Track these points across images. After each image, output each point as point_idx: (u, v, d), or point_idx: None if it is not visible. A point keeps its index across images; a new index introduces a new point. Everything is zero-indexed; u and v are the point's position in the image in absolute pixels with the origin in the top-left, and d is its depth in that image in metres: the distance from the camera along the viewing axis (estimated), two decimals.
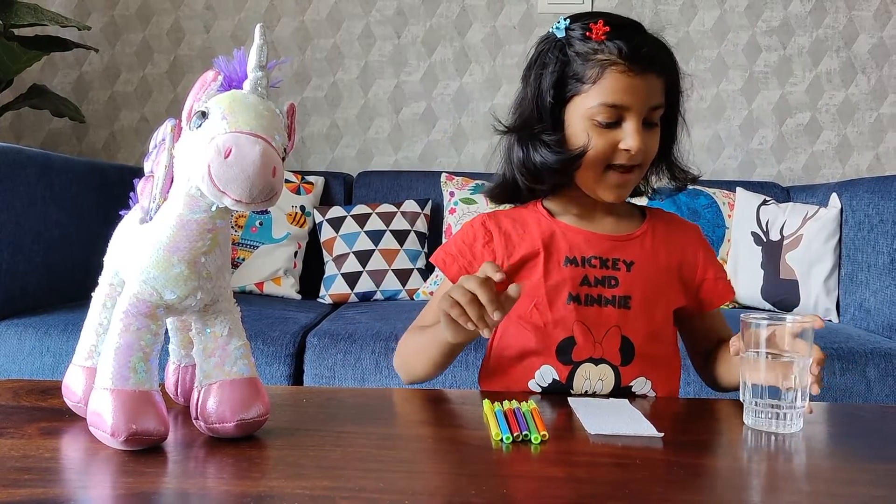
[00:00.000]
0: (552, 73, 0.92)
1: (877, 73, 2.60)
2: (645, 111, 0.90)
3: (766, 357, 0.78)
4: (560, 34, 0.92)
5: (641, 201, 1.06)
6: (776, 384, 0.77)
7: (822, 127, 2.62)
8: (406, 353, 1.02)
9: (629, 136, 0.89)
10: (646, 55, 0.88)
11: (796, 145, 2.63)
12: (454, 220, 2.26)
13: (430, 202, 2.38)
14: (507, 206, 1.05)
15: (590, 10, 2.57)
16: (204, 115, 0.63)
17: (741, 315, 0.81)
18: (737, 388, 0.84)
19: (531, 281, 0.96)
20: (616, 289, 0.94)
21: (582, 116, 0.91)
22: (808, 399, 0.78)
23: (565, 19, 0.93)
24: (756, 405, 0.78)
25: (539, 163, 0.93)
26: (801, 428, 0.78)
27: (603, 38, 0.89)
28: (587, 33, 0.90)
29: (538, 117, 0.94)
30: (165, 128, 0.69)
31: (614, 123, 0.90)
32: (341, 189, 2.48)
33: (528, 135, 0.94)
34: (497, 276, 0.80)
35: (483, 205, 2.25)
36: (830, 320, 2.02)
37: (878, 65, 2.60)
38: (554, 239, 0.97)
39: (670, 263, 0.99)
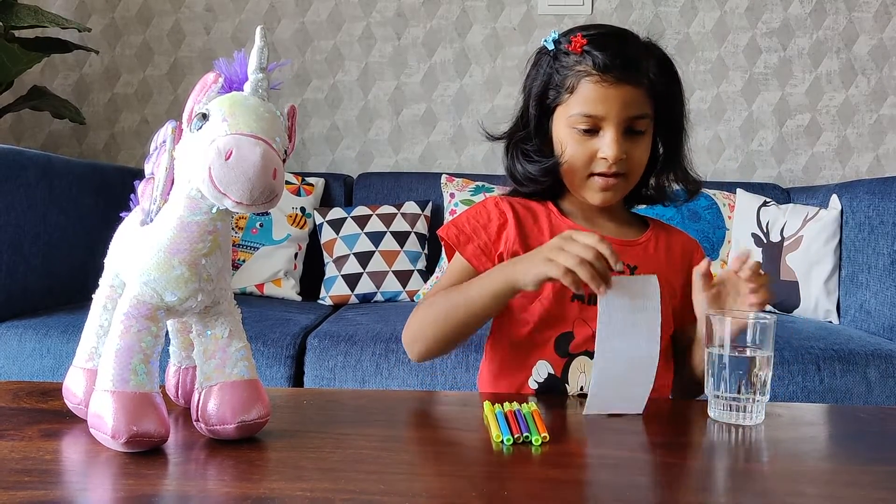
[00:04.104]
0: (539, 83, 0.97)
1: (877, 75, 2.60)
2: (623, 121, 0.92)
3: (729, 352, 0.80)
4: (550, 47, 0.97)
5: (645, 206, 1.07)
6: (737, 379, 0.79)
7: (822, 128, 2.62)
8: (435, 314, 0.92)
9: (606, 146, 0.92)
10: (620, 66, 0.91)
11: (796, 147, 2.63)
12: None
13: (430, 204, 2.38)
14: None
15: (589, 12, 2.58)
16: (205, 116, 0.64)
17: (706, 312, 0.84)
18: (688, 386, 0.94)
19: None
20: None
21: (564, 125, 0.95)
22: (768, 393, 0.81)
23: (556, 32, 0.97)
24: (718, 398, 0.81)
25: (520, 171, 0.99)
26: (762, 420, 0.80)
27: (580, 50, 0.92)
28: (567, 46, 0.94)
29: (524, 126, 1.00)
30: (166, 130, 0.69)
31: (594, 132, 0.93)
32: (341, 190, 2.48)
33: (514, 143, 1.00)
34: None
35: None
36: (831, 322, 2.02)
37: (878, 66, 2.60)
38: None
39: (669, 273, 0.99)
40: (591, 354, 0.94)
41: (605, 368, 0.79)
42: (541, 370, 0.95)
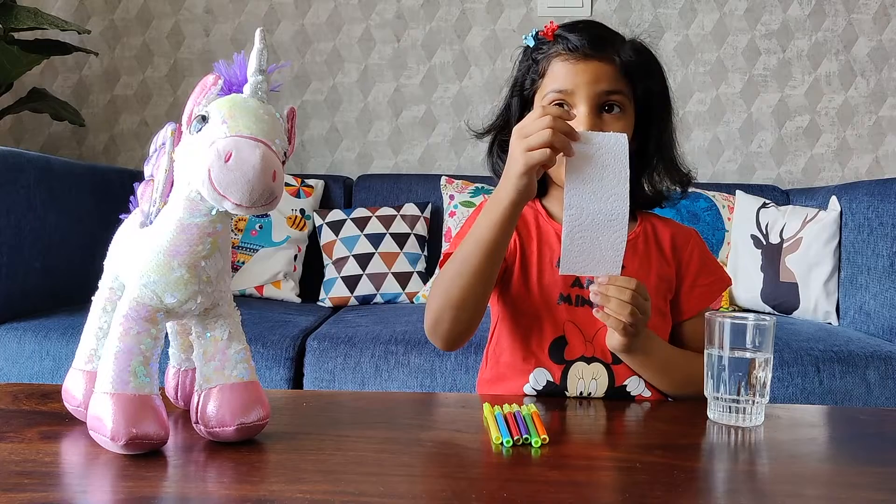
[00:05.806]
0: (519, 75, 0.99)
1: (876, 76, 2.60)
2: (594, 95, 0.92)
3: (728, 353, 0.80)
4: (531, 44, 0.98)
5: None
6: (737, 381, 0.80)
7: (821, 130, 2.62)
8: (450, 275, 0.89)
9: (578, 121, 0.90)
10: (589, 43, 0.92)
11: (796, 148, 2.63)
12: (454, 224, 2.26)
13: (429, 205, 2.38)
14: None
15: (588, 12, 2.58)
16: (204, 119, 0.64)
17: (706, 313, 0.84)
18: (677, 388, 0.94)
19: (524, 279, 0.97)
20: None
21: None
22: (767, 395, 0.81)
23: (535, 30, 0.98)
24: (717, 400, 0.81)
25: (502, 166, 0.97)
26: (762, 422, 0.81)
27: (552, 36, 0.95)
28: (541, 33, 0.96)
29: (503, 123, 1.01)
30: (166, 132, 0.69)
31: (569, 110, 0.92)
32: (341, 192, 2.49)
33: (497, 140, 1.03)
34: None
35: None
36: (830, 323, 2.02)
37: (878, 68, 2.60)
38: (548, 239, 0.99)
39: (661, 269, 0.99)
40: (587, 360, 0.94)
41: (573, 226, 0.79)
42: (539, 378, 0.94)
